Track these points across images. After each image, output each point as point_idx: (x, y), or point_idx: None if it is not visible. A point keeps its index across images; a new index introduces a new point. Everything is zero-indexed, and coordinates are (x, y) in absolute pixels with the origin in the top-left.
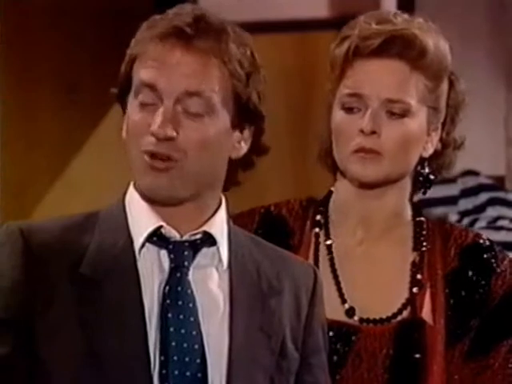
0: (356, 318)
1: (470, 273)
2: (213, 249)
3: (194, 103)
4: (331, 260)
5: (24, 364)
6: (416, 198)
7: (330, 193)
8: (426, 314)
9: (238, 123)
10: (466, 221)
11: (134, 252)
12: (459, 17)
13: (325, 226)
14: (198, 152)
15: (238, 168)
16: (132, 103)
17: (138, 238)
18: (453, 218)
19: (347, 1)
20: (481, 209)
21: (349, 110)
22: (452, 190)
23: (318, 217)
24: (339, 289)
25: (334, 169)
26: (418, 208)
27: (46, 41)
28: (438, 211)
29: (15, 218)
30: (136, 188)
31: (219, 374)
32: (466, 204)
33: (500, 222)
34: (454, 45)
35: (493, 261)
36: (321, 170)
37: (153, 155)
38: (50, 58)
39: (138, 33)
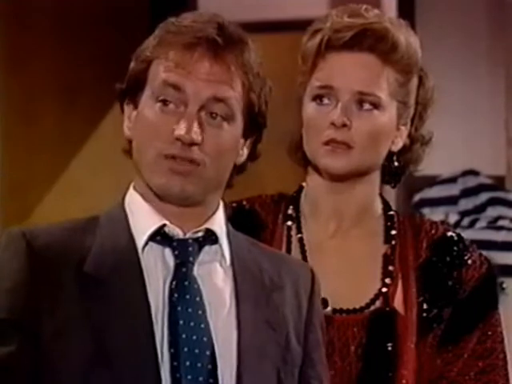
0: (329, 308)
1: (442, 264)
2: (215, 246)
3: (218, 110)
4: (303, 253)
5: (30, 364)
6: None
7: (301, 188)
8: (398, 304)
9: (247, 132)
10: (466, 221)
11: (136, 251)
12: (459, 17)
13: (297, 219)
14: (217, 158)
15: (234, 173)
16: (150, 105)
17: (141, 237)
18: (453, 217)
19: (347, 1)
20: (481, 209)
21: (320, 102)
22: (452, 189)
23: (290, 211)
24: None
25: (305, 163)
26: (387, 202)
27: (46, 42)
28: (439, 211)
29: (16, 219)
30: (137, 190)
31: (229, 365)
32: (466, 204)
33: (500, 222)
34: (455, 45)
35: (463, 253)
36: None
37: (173, 157)
38: (50, 58)
39: (155, 35)
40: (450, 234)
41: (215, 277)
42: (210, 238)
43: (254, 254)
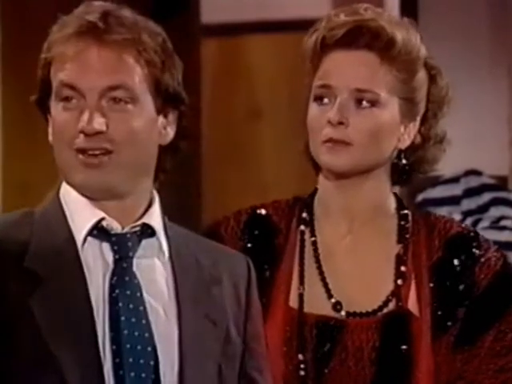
0: (343, 312)
1: (455, 263)
2: (153, 240)
3: (118, 96)
4: (316, 257)
5: None
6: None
7: (316, 190)
8: (412, 305)
9: (161, 109)
10: (469, 221)
11: (76, 246)
12: (462, 17)
13: (310, 222)
14: (129, 142)
15: (166, 155)
16: (55, 106)
17: (81, 231)
18: (456, 217)
19: (350, 1)
20: (484, 209)
21: (320, 101)
22: (455, 189)
23: (304, 214)
24: (325, 284)
25: (315, 164)
26: (401, 200)
27: (46, 39)
28: (442, 211)
29: None
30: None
31: (171, 361)
32: (469, 204)
33: (503, 222)
34: (457, 45)
35: (477, 250)
36: None
37: (84, 151)
38: None
39: (49, 36)
40: (463, 231)
41: (154, 272)
42: (147, 232)
43: (192, 247)
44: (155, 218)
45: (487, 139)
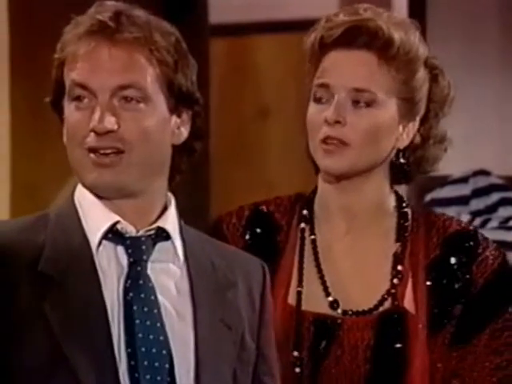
0: (339, 310)
1: (452, 261)
2: (168, 244)
3: (129, 95)
4: (315, 254)
5: None
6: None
7: (317, 187)
8: (408, 303)
9: (174, 108)
10: (477, 221)
11: (90, 249)
12: (471, 16)
13: (310, 220)
14: (140, 142)
15: (181, 155)
16: (68, 106)
17: (96, 234)
18: (464, 218)
19: (357, 1)
20: (492, 209)
21: (318, 100)
22: (463, 189)
23: (305, 212)
24: (323, 282)
25: (315, 162)
26: (402, 198)
27: (55, 39)
28: (450, 211)
29: None
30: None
31: (187, 365)
32: (477, 204)
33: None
34: (465, 44)
35: (475, 248)
36: None
37: (96, 151)
38: None
39: (62, 36)
40: (462, 229)
41: (169, 275)
42: (162, 235)
43: (208, 250)
44: (170, 221)
45: (496, 139)
